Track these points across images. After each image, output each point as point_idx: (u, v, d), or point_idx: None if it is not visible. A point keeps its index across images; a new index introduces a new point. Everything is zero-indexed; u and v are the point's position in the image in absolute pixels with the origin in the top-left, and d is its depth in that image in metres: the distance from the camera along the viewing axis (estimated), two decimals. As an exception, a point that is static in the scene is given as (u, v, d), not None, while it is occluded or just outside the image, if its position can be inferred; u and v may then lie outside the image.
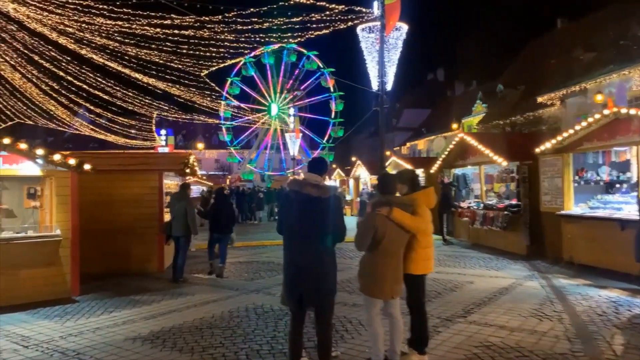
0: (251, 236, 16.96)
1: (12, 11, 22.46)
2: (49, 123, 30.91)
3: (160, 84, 26.63)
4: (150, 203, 10.11)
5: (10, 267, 7.14)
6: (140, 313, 6.72)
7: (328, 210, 4.08)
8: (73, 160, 7.64)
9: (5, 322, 6.25)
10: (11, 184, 8.70)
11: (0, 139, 7.05)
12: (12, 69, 26.16)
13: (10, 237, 7.16)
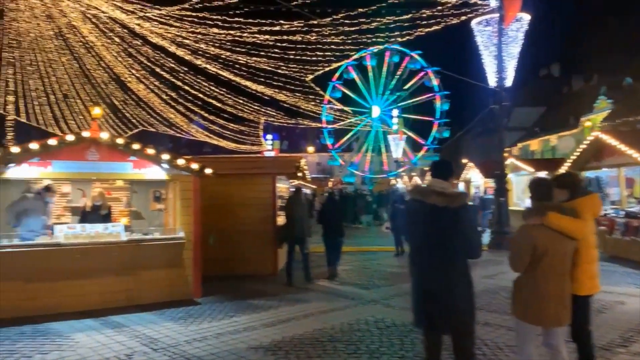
0: (357, 241, 16.60)
1: (137, 27, 24.32)
2: (169, 130, 33.23)
3: (267, 91, 27.38)
4: (264, 206, 10.15)
5: (139, 267, 7.44)
6: (259, 319, 6.61)
7: (458, 222, 3.52)
8: (195, 164, 7.80)
9: (135, 322, 6.46)
10: (140, 188, 9.18)
11: (131, 145, 7.37)
12: (138, 80, 28.43)
13: (139, 239, 7.45)
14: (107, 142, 7.25)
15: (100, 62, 28.57)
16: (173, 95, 29.17)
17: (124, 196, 9.27)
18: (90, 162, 7.21)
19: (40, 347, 5.41)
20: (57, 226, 7.20)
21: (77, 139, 7.09)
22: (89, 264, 7.00)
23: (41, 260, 6.69)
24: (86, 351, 5.29)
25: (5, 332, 5.95)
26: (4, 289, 6.52)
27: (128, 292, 7.37)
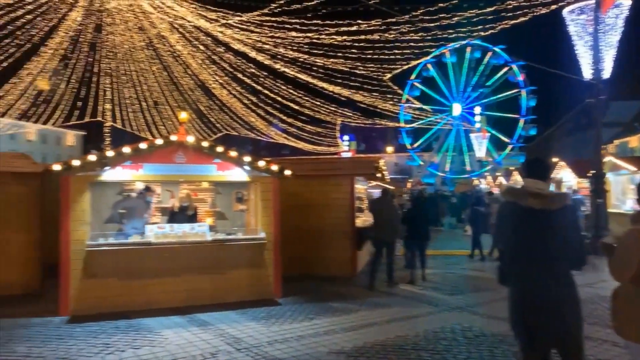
0: (439, 244, 16.04)
1: (220, 35, 25.27)
2: (250, 133, 34.26)
3: (344, 92, 27.34)
4: (343, 208, 10.05)
5: (222, 266, 7.62)
6: (340, 323, 6.50)
7: (559, 227, 3.15)
8: (275, 166, 7.87)
9: (219, 321, 6.60)
10: (223, 189, 9.44)
11: (215, 148, 7.58)
12: (221, 86, 29.56)
13: (223, 239, 7.63)
14: (193, 145, 7.50)
15: (187, 70, 30.08)
16: (253, 100, 30.03)
17: (208, 197, 9.58)
18: (177, 165, 7.50)
19: (133, 342, 5.67)
20: (148, 226, 7.56)
21: (165, 143, 7.41)
22: (176, 262, 7.28)
23: (133, 258, 7.05)
24: (174, 348, 5.47)
25: (102, 325, 6.32)
26: (100, 285, 6.95)
27: (212, 290, 7.58)
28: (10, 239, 8.10)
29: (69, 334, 5.97)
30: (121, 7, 28.35)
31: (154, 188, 8.36)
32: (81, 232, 6.96)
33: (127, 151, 7.11)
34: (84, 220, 7.02)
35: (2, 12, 26.65)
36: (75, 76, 34.37)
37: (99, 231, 7.83)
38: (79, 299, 6.87)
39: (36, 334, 5.96)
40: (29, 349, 5.41)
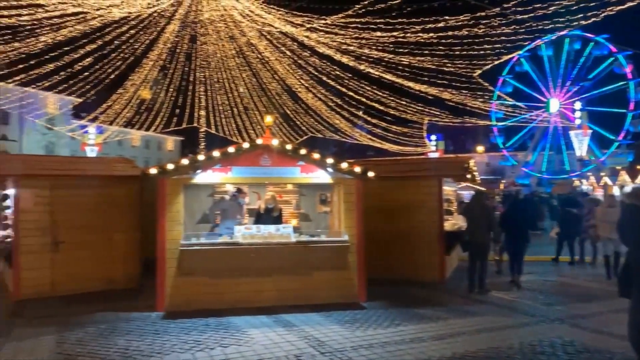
0: (536, 249, 15.00)
1: (306, 39, 25.67)
2: (334, 135, 34.50)
3: (431, 90, 26.62)
4: (430, 210, 9.71)
5: (307, 268, 7.65)
6: (427, 330, 6.25)
7: None
8: (358, 168, 7.77)
9: (304, 322, 6.62)
10: (307, 191, 9.51)
11: (298, 150, 7.64)
12: (306, 90, 30.06)
13: (307, 240, 7.66)
14: (278, 148, 7.62)
15: (274, 75, 30.97)
16: (338, 102, 30.17)
17: (293, 199, 9.71)
18: (263, 167, 7.66)
19: (222, 340, 5.84)
20: (236, 226, 7.79)
21: (251, 147, 7.60)
22: (262, 262, 7.42)
23: (222, 257, 7.29)
24: (260, 348, 5.55)
25: (194, 322, 6.59)
26: (193, 283, 7.27)
27: (297, 291, 7.64)
28: (114, 238, 8.75)
29: (164, 329, 6.29)
30: (214, 17, 29.86)
31: (245, 190, 8.63)
32: (176, 232, 7.33)
33: (217, 155, 7.38)
34: (178, 220, 7.38)
35: (110, 29, 29.07)
36: (173, 85, 36.73)
37: (191, 231, 8.23)
38: (173, 296, 7.24)
39: (135, 328, 6.35)
40: (128, 342, 5.76)
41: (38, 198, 8.13)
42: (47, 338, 5.90)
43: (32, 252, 8.06)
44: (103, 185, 8.71)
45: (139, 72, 33.69)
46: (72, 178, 8.54)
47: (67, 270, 8.27)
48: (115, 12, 26.32)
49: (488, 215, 8.78)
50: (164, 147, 70.80)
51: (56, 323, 6.55)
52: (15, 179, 8.07)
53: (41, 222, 8.13)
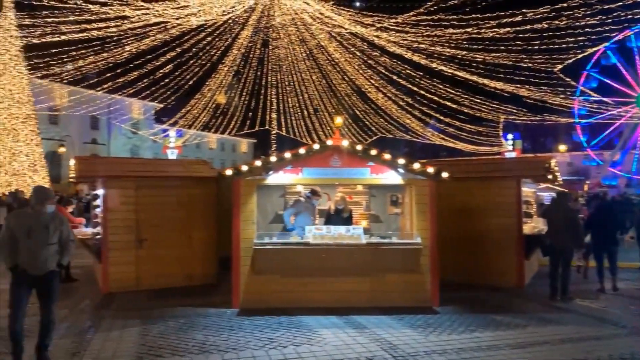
0: (626, 255, 13.89)
1: (376, 39, 25.51)
2: (405, 135, 34.01)
3: (508, 87, 25.52)
4: (508, 212, 9.27)
5: (377, 270, 7.58)
6: (504, 338, 5.97)
7: None
8: (431, 168, 7.58)
9: (375, 325, 6.55)
10: (377, 192, 9.42)
11: (368, 151, 7.59)
12: (376, 90, 29.87)
13: (377, 242, 7.59)
14: (348, 149, 7.61)
15: (344, 76, 31.08)
16: (409, 101, 29.72)
17: (363, 200, 9.65)
18: (333, 168, 7.68)
19: (294, 339, 5.92)
20: (307, 227, 7.87)
21: (321, 148, 7.64)
22: (333, 263, 7.44)
23: (294, 257, 7.40)
24: (331, 349, 5.56)
25: (267, 320, 6.73)
26: (265, 281, 7.44)
27: (368, 293, 7.59)
28: (192, 236, 9.14)
29: (239, 326, 6.48)
30: (285, 22, 30.49)
31: (319, 191, 8.70)
32: (249, 231, 7.53)
33: (288, 156, 7.50)
34: (252, 220, 7.58)
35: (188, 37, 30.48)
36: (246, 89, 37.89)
37: (264, 230, 8.43)
38: (247, 294, 7.44)
39: (212, 324, 6.59)
40: (206, 337, 5.99)
41: (124, 198, 8.67)
42: (132, 330, 6.28)
43: (119, 249, 8.62)
44: (182, 186, 9.13)
45: (214, 77, 35.13)
46: (154, 179, 9.03)
47: (149, 266, 8.76)
48: (193, 20, 27.64)
49: (571, 218, 8.26)
50: (238, 149, 73.28)
51: (140, 316, 6.95)
52: (104, 180, 8.67)
53: (127, 221, 8.67)
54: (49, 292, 5.06)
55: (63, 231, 5.14)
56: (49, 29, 26.92)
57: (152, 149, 51.94)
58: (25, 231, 4.91)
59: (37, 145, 32.20)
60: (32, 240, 4.92)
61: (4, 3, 29.96)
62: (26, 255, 4.91)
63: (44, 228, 4.97)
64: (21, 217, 5.15)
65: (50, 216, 5.08)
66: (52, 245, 5.01)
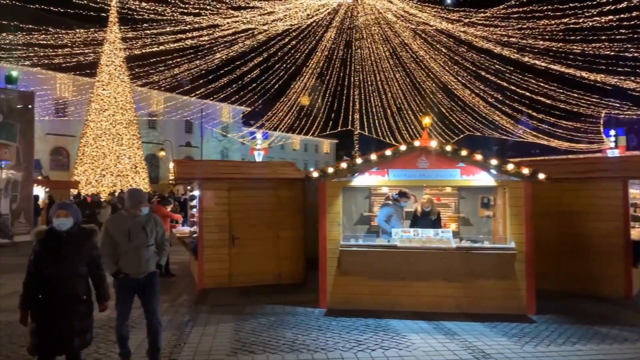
0: None
1: (462, 34, 24.69)
2: (494, 133, 32.58)
3: (610, 79, 23.59)
4: (612, 216, 8.55)
5: (468, 275, 7.32)
6: (610, 352, 5.52)
7: None
8: (526, 169, 7.19)
9: (466, 331, 6.34)
10: (467, 193, 9.12)
11: (459, 152, 7.35)
12: (463, 86, 28.92)
13: (468, 247, 7.34)
14: (436, 150, 7.43)
15: (428, 74, 30.42)
16: (499, 97, 28.44)
17: (452, 202, 9.38)
18: (420, 170, 7.54)
19: (382, 342, 5.89)
20: (394, 229, 7.80)
21: (408, 149, 7.53)
22: (421, 267, 7.31)
23: (380, 260, 7.36)
24: (420, 354, 5.47)
25: (354, 322, 6.76)
26: (352, 282, 7.47)
27: (457, 299, 7.36)
28: (281, 236, 9.41)
29: (327, 326, 6.57)
30: (368, 21, 30.44)
31: (408, 193, 8.60)
32: (335, 233, 7.61)
33: (374, 158, 7.48)
34: (337, 221, 7.65)
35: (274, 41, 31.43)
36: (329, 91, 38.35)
37: (349, 232, 8.47)
38: (334, 294, 7.52)
39: (300, 323, 6.74)
40: (295, 335, 6.14)
41: (218, 198, 9.12)
42: (227, 325, 6.59)
43: (213, 247, 9.08)
44: (271, 187, 9.43)
45: (299, 80, 35.90)
46: (245, 181, 9.42)
47: (241, 264, 9.15)
48: (279, 25, 28.44)
49: None
50: (321, 149, 74.28)
51: (233, 312, 7.28)
52: (200, 182, 9.18)
53: (220, 220, 9.11)
54: (152, 294, 5.11)
55: (159, 232, 5.20)
56: (148, 40, 29.00)
57: (240, 150, 54.23)
58: (125, 235, 4.96)
59: (138, 149, 34.83)
60: (133, 243, 4.95)
61: (109, 18, 32.73)
62: (128, 258, 4.96)
63: (142, 230, 5.02)
64: (119, 221, 5.14)
65: (146, 218, 5.13)
66: (150, 246, 5.06)
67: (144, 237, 5.00)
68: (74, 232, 4.16)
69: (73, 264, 4.07)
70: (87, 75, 34.95)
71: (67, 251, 4.07)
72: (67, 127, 40.26)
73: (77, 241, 4.15)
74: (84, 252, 4.17)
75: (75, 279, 4.07)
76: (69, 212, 4.18)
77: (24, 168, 16.57)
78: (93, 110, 33.34)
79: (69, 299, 4.01)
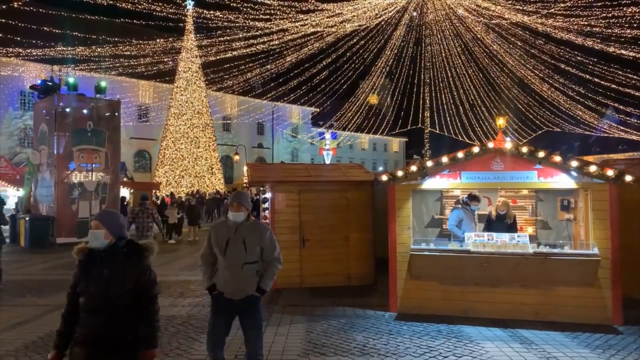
0: None
1: (539, 26, 23.53)
2: (575, 128, 30.69)
3: None
4: None
5: (546, 282, 6.99)
6: None
7: None
8: (611, 171, 6.75)
9: (544, 341, 6.07)
10: (545, 196, 8.71)
11: (536, 153, 7.03)
12: (541, 80, 27.52)
13: (547, 252, 7.00)
14: (512, 151, 7.16)
15: (503, 69, 29.23)
16: (580, 91, 26.80)
17: (529, 204, 8.99)
18: (495, 172, 7.30)
19: (454, 349, 5.78)
20: (467, 234, 7.61)
21: (482, 150, 7.31)
22: (495, 273, 7.08)
23: (452, 264, 7.21)
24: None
25: (425, 327, 6.68)
26: (423, 287, 7.39)
27: (535, 306, 7.05)
28: (350, 237, 9.48)
29: (397, 331, 6.54)
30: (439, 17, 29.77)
31: (479, 196, 8.36)
32: (405, 236, 7.55)
33: (445, 160, 7.34)
34: (407, 225, 7.58)
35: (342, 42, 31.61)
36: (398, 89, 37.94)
37: (420, 235, 8.37)
38: (404, 298, 7.47)
39: (371, 326, 6.76)
40: (366, 339, 6.18)
41: (289, 201, 9.36)
42: (298, 326, 6.75)
43: (285, 248, 9.23)
44: (340, 189, 9.52)
45: (367, 79, 35.84)
46: (315, 183, 9.58)
47: (312, 265, 9.31)
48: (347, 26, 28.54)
49: None
50: (390, 148, 73.62)
51: (304, 313, 7.45)
52: (272, 185, 9.46)
53: (291, 222, 9.33)
54: (250, 324, 4.20)
55: (266, 247, 4.17)
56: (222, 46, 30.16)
57: (310, 151, 54.98)
58: (222, 246, 4.13)
59: (214, 151, 36.36)
60: (228, 258, 4.11)
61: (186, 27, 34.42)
62: (221, 274, 4.14)
63: (242, 243, 4.10)
64: (221, 228, 4.26)
65: (249, 228, 4.18)
66: (250, 264, 4.10)
67: (241, 251, 4.07)
68: (116, 250, 3.11)
69: (110, 292, 2.97)
70: (166, 82, 36.99)
71: (102, 275, 3.01)
72: (149, 131, 42.85)
73: (119, 262, 3.07)
74: (127, 276, 3.05)
75: (115, 314, 2.97)
76: (101, 222, 3.14)
77: (112, 171, 17.85)
78: (172, 114, 35.28)
79: (104, 340, 2.94)
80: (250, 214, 4.31)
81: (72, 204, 16.63)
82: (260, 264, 4.20)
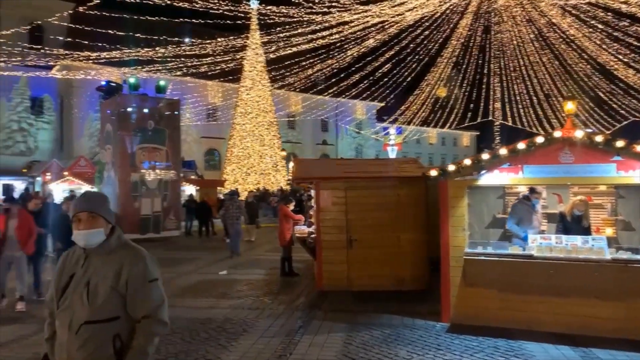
0: None
1: (624, 6, 21.30)
2: (668, 117, 27.72)
3: None
4: None
5: (627, 293, 5.95)
6: None
7: None
8: None
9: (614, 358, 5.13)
10: (628, 192, 7.55)
11: (613, 142, 6.01)
12: (626, 66, 24.99)
13: (627, 259, 5.97)
14: (583, 141, 6.17)
15: (581, 55, 26.93)
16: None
17: (607, 202, 7.85)
18: (563, 166, 6.34)
19: (510, 371, 5.00)
20: (531, 236, 6.70)
21: (547, 141, 6.37)
22: (565, 281, 6.13)
23: (513, 271, 6.35)
24: (558, 392, 4.49)
25: (480, 342, 5.90)
26: (479, 295, 6.57)
27: (614, 321, 6.02)
28: (401, 238, 8.77)
29: (447, 345, 5.82)
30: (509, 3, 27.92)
31: (538, 189, 7.37)
32: (459, 238, 6.77)
33: (504, 153, 6.48)
34: (462, 226, 6.80)
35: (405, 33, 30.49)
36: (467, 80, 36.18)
37: (479, 236, 7.54)
38: (458, 307, 6.70)
39: (418, 339, 6.07)
40: (410, 354, 5.51)
41: (335, 198, 8.82)
42: (337, 335, 6.20)
43: (331, 248, 8.79)
44: (390, 186, 8.85)
45: (433, 71, 34.42)
46: (362, 180, 8.97)
47: (359, 266, 8.72)
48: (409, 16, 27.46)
49: None
50: (460, 142, 70.97)
51: (346, 320, 6.88)
52: (316, 181, 8.96)
53: (337, 221, 8.79)
54: None
55: (134, 291, 2.38)
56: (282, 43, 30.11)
57: (374, 147, 54.05)
58: (59, 289, 2.48)
59: (278, 148, 36.56)
60: (61, 310, 2.43)
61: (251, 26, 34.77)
62: (58, 338, 2.43)
63: (83, 286, 2.39)
64: (69, 258, 2.57)
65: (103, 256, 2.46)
66: (95, 324, 2.32)
67: (80, 300, 2.34)
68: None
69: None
70: (232, 81, 37.63)
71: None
72: (217, 130, 43.96)
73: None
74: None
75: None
76: None
77: (173, 169, 18.19)
78: (238, 113, 35.86)
79: None
80: (113, 231, 2.54)
81: (135, 202, 17.10)
82: (125, 324, 2.37)
